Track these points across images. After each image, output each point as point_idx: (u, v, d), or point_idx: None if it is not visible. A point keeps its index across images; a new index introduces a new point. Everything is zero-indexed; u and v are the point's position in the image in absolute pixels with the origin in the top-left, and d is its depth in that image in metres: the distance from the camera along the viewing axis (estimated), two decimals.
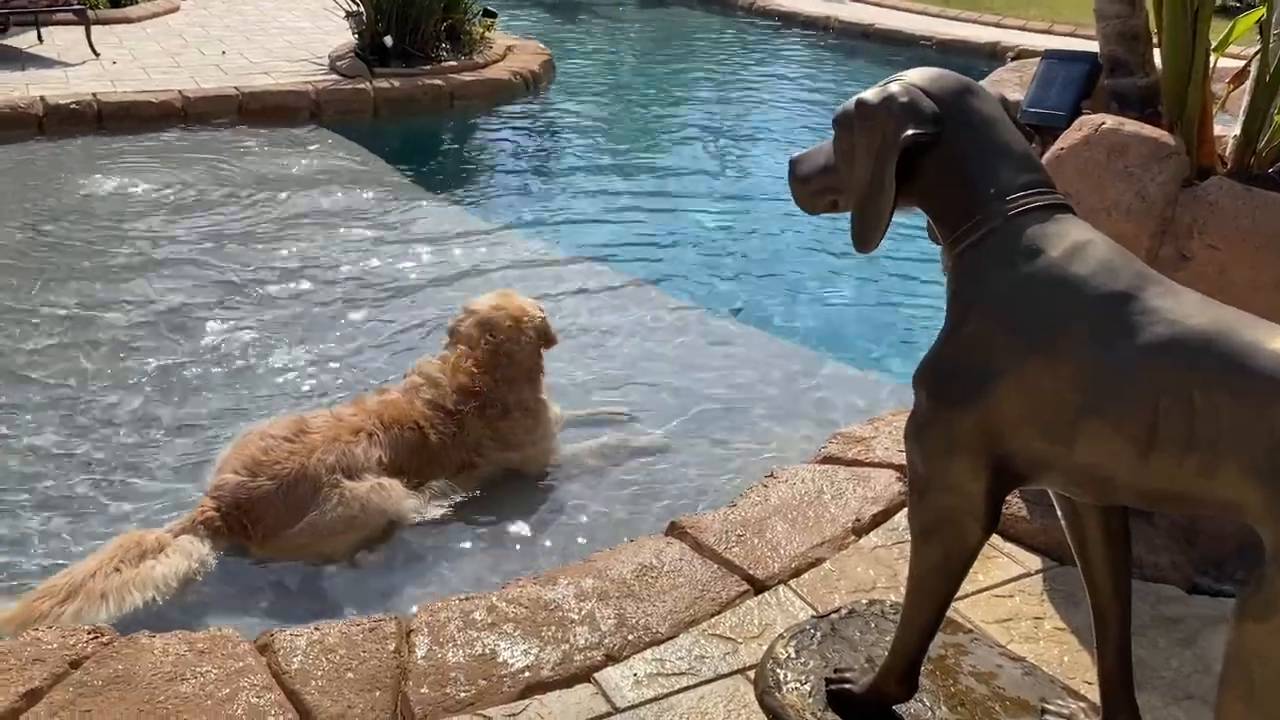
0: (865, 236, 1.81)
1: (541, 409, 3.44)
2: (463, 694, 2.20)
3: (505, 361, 3.36)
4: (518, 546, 3.10)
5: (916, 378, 1.80)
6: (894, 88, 1.78)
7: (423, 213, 6.01)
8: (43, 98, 7.29)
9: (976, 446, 1.70)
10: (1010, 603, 2.51)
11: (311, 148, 7.14)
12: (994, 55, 10.46)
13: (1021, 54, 9.07)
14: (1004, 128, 1.78)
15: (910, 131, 1.73)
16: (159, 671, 2.20)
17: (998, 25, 12.30)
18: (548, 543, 3.12)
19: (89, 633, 2.32)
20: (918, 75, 1.81)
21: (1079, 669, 2.29)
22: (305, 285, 4.93)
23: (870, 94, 1.81)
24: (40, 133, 7.09)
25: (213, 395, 3.89)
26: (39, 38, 9.33)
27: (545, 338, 3.47)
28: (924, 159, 1.76)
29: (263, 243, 5.42)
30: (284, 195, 6.11)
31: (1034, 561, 2.66)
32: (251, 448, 3.08)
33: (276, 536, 2.97)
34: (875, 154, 1.77)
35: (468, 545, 3.08)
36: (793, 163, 2.00)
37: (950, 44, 11.40)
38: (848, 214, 1.89)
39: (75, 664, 2.22)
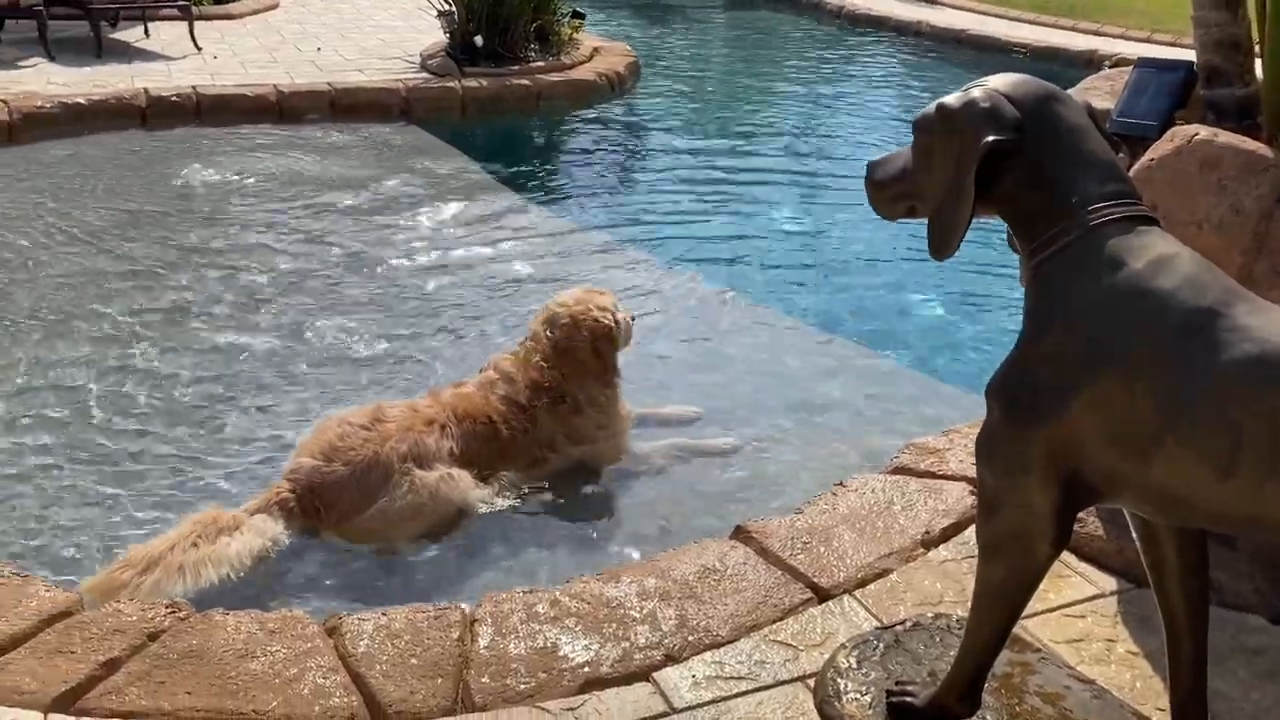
0: (942, 243, 1.79)
1: (612, 406, 3.46)
2: (522, 685, 2.22)
3: (568, 357, 3.39)
4: (582, 542, 3.12)
5: (989, 391, 1.77)
6: (976, 92, 1.75)
7: (505, 210, 6.08)
8: (146, 90, 7.55)
9: (1048, 464, 1.67)
10: (1082, 623, 2.45)
11: (399, 144, 7.28)
12: (1090, 63, 10.17)
13: (1119, 62, 8.83)
14: (1089, 136, 1.74)
15: (991, 137, 1.70)
16: (231, 648, 2.27)
17: (1095, 33, 12.00)
18: (612, 540, 3.13)
19: (167, 607, 2.40)
20: (1001, 80, 1.77)
21: (1151, 695, 2.22)
22: (387, 278, 5.03)
23: (951, 98, 1.78)
24: (142, 123, 7.34)
25: (293, 382, 3.99)
26: (145, 32, 9.66)
27: (602, 338, 3.43)
28: (1005, 166, 1.73)
29: (347, 236, 5.53)
30: (369, 190, 6.23)
31: (1109, 582, 2.59)
32: (329, 434, 3.15)
33: (348, 521, 3.04)
34: (955, 160, 1.74)
35: (533, 538, 3.11)
36: (870, 166, 1.98)
37: (1044, 51, 11.14)
38: (926, 221, 1.86)
39: (153, 636, 2.29)
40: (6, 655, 2.21)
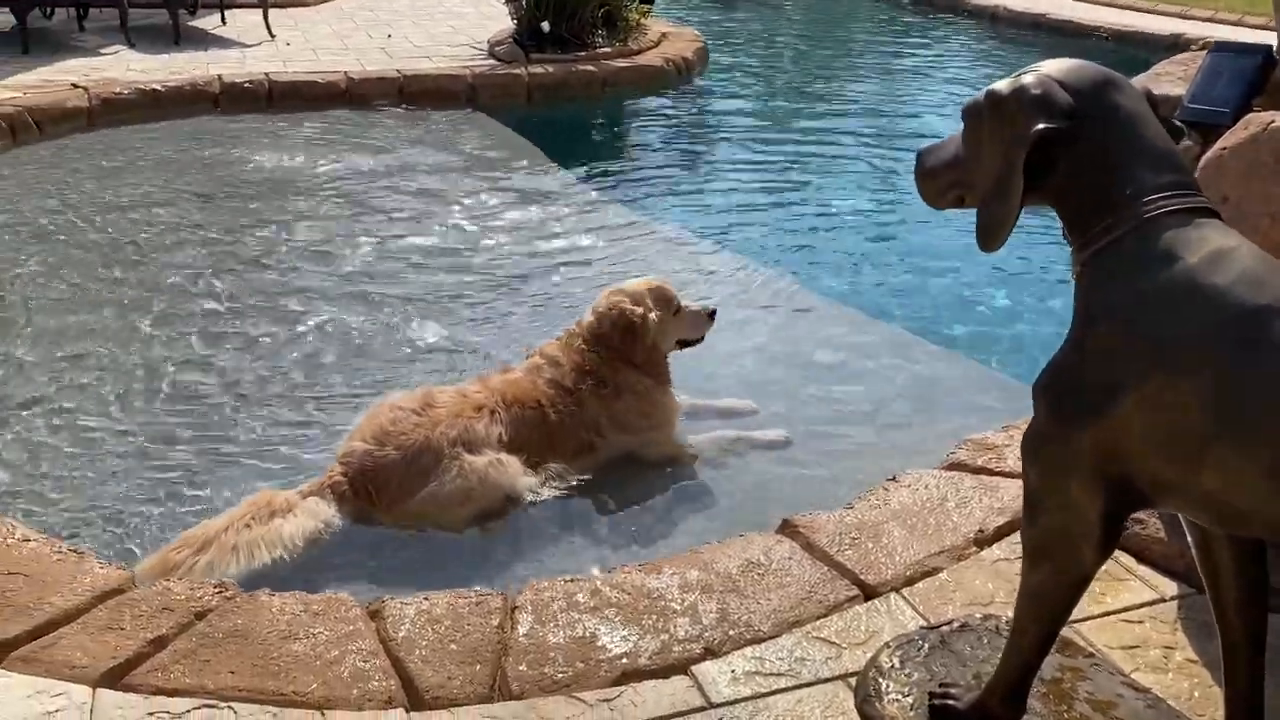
0: (990, 234, 1.73)
1: (652, 395, 3.44)
2: (560, 675, 2.21)
3: (603, 343, 3.40)
4: (627, 532, 3.10)
5: (1036, 388, 1.71)
6: (1027, 79, 1.69)
7: (567, 197, 6.09)
8: (220, 76, 7.70)
9: (1095, 466, 1.60)
10: (1139, 629, 2.37)
11: (465, 131, 7.32)
12: (1175, 48, 9.82)
13: (1207, 46, 8.52)
14: (1146, 124, 1.66)
15: (1041, 125, 1.63)
16: (274, 629, 2.30)
17: (1181, 16, 11.60)
18: (657, 531, 3.11)
19: (215, 587, 2.43)
20: (1054, 66, 1.70)
21: (1210, 705, 2.13)
22: (446, 263, 5.06)
23: (1001, 84, 1.72)
24: (216, 109, 7.49)
25: (350, 366, 4.03)
26: (222, 19, 9.86)
27: (625, 330, 3.40)
28: (1056, 155, 1.66)
29: (409, 220, 5.58)
30: (432, 176, 6.28)
31: (1170, 587, 2.50)
32: (381, 418, 3.18)
33: (398, 504, 3.06)
34: (1004, 148, 1.68)
35: (578, 527, 3.10)
36: (921, 155, 1.92)
37: (1127, 35, 10.82)
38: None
39: (200, 615, 2.33)
40: (59, 630, 2.26)
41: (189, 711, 2.08)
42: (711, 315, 3.60)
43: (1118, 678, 2.19)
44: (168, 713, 2.07)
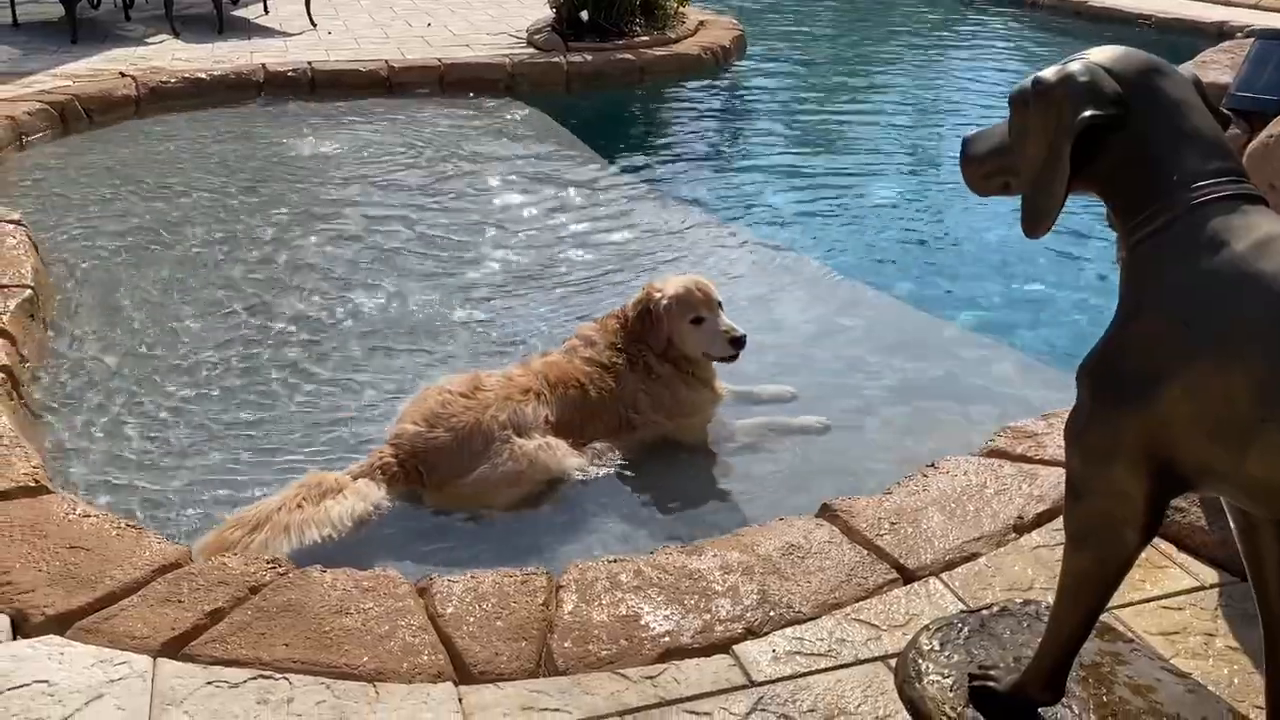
0: (1035, 222, 1.74)
1: (675, 387, 3.47)
2: (604, 652, 2.26)
3: (632, 327, 3.48)
4: (669, 515, 3.15)
5: (1080, 372, 1.73)
6: (1074, 66, 1.70)
7: (605, 185, 6.13)
8: (264, 65, 7.80)
9: (1140, 451, 1.62)
10: (1179, 615, 2.38)
11: (503, 119, 7.37)
12: (1221, 35, 9.71)
13: (1253, 34, 8.39)
14: (1194, 111, 1.67)
15: (1088, 113, 1.65)
16: (326, 604, 2.36)
17: (1225, 4, 11.42)
18: (698, 513, 3.15)
19: (269, 563, 2.50)
20: (1101, 53, 1.72)
21: (1250, 692, 2.15)
22: (485, 250, 5.12)
23: (1048, 72, 1.73)
24: (259, 96, 7.59)
25: (390, 350, 4.10)
26: (265, 9, 9.97)
27: (643, 313, 3.47)
28: (1103, 143, 1.68)
29: (448, 208, 5.64)
30: (470, 165, 6.34)
31: (1210, 575, 2.51)
32: (430, 401, 3.24)
33: (448, 485, 3.13)
34: (1050, 136, 1.70)
35: (621, 509, 3.15)
36: (965, 142, 1.94)
37: (1171, 24, 10.66)
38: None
39: (254, 590, 2.40)
40: (120, 602, 2.34)
41: (246, 681, 2.14)
42: (736, 341, 3.44)
43: (1157, 663, 2.21)
44: (226, 682, 2.14)
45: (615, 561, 2.54)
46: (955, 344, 4.30)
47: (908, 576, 2.52)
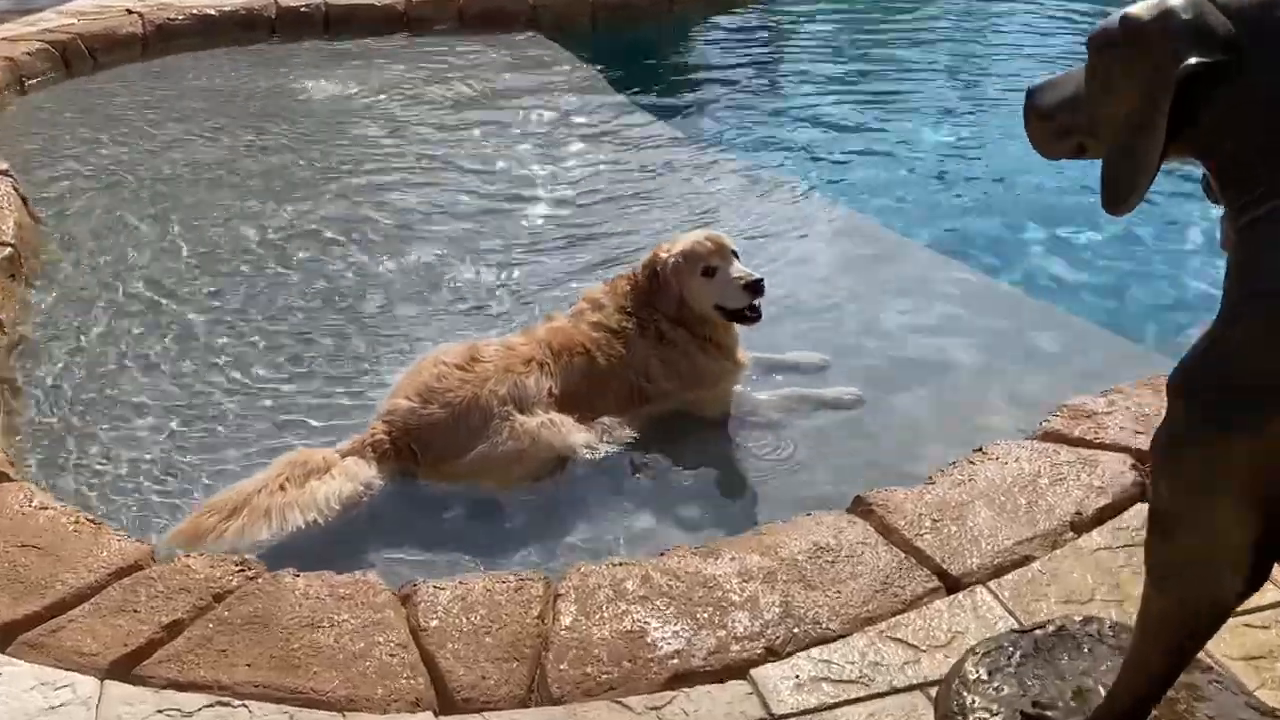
0: (1120, 193, 1.42)
1: (691, 354, 3.17)
2: (604, 675, 2.00)
3: (641, 290, 3.20)
4: (682, 503, 2.86)
5: (1172, 383, 1.40)
6: (1175, 1, 1.36)
7: (630, 125, 5.76)
8: (276, 1, 7.45)
9: (1246, 481, 1.31)
10: (1265, 636, 2.08)
11: (526, 55, 7.00)
12: None
13: None
14: None
15: (1192, 60, 1.31)
16: (297, 615, 2.12)
17: None
18: (716, 502, 2.88)
19: (236, 565, 2.26)
20: None
21: None
22: (504, 195, 4.82)
23: (1140, 7, 1.39)
24: (271, 35, 7.27)
25: (394, 313, 3.83)
26: None
27: (651, 277, 3.17)
28: (1209, 97, 1.34)
29: (469, 151, 5.33)
30: (494, 103, 6.02)
31: None
32: (425, 374, 2.98)
33: (444, 465, 2.88)
34: (1142, 87, 1.36)
35: (630, 495, 2.88)
36: (1031, 93, 1.61)
37: None
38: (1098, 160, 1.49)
39: (219, 597, 2.17)
40: (70, 611, 2.12)
41: (201, 710, 1.91)
42: (751, 287, 3.10)
43: (1241, 697, 1.91)
44: (178, 710, 1.91)
45: (621, 565, 2.27)
46: (1002, 303, 3.96)
47: (951, 584, 2.24)
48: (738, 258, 3.20)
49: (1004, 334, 3.71)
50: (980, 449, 2.69)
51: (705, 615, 2.13)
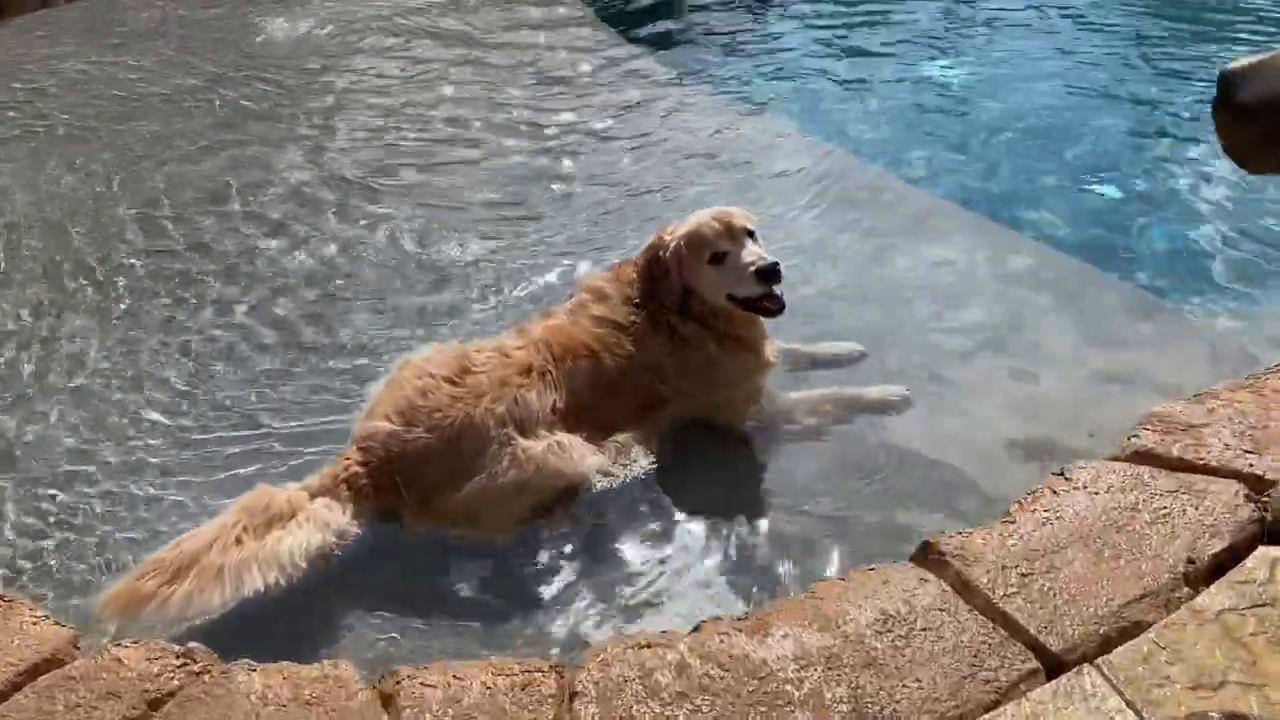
0: None
1: (709, 351, 2.74)
2: None
3: (648, 283, 2.76)
4: (712, 542, 2.46)
5: None
6: None
7: (618, 66, 5.19)
8: None
9: None
10: None
11: None
12: None
13: None
14: None
15: None
16: None
17: None
18: (751, 542, 2.47)
19: (178, 657, 1.85)
20: None
21: None
22: (493, 152, 4.36)
23: None
24: None
25: (377, 286, 3.41)
26: None
27: (651, 264, 2.76)
28: None
29: (451, 103, 4.79)
30: (477, 48, 5.44)
31: None
32: (407, 389, 2.54)
33: (434, 502, 2.46)
34: None
35: (647, 537, 2.48)
36: (1227, 79, 1.17)
37: None
38: None
39: (155, 704, 1.77)
40: None
41: None
42: (764, 274, 2.64)
43: None
44: None
45: (648, 648, 1.87)
46: (1052, 272, 3.52)
47: (1051, 664, 1.85)
48: (753, 237, 2.74)
49: (1050, 300, 3.32)
50: (1063, 473, 2.28)
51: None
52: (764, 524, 2.51)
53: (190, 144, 4.35)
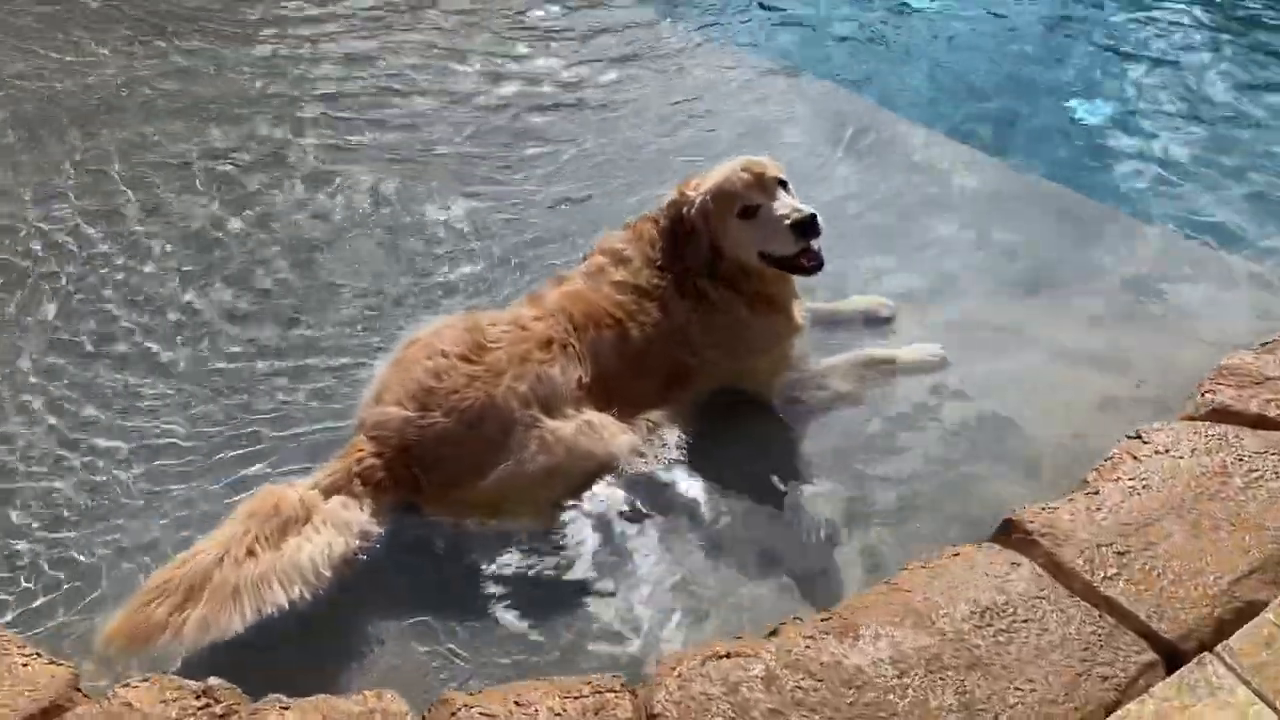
0: None
1: (737, 312, 2.53)
2: None
3: (671, 244, 2.54)
4: (761, 521, 2.27)
5: None
6: None
7: (631, 24, 4.80)
8: None
9: None
10: None
11: None
12: None
13: None
14: None
15: None
16: None
17: None
18: (800, 509, 2.29)
19: (198, 697, 1.63)
20: None
21: None
22: (476, 106, 4.00)
23: None
24: None
25: (353, 255, 3.13)
26: None
27: (674, 222, 2.53)
28: None
29: (418, 52, 4.43)
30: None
31: None
32: (418, 370, 2.30)
33: (457, 490, 2.23)
34: None
35: (692, 516, 2.28)
36: None
37: None
38: None
39: None
40: None
41: None
42: (801, 227, 2.41)
43: None
44: None
45: (730, 658, 1.68)
46: (1066, 207, 3.35)
47: (1167, 652, 1.70)
48: (786, 188, 2.52)
49: (1072, 241, 3.18)
50: (1138, 434, 2.13)
51: None
52: (814, 500, 2.31)
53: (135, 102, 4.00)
